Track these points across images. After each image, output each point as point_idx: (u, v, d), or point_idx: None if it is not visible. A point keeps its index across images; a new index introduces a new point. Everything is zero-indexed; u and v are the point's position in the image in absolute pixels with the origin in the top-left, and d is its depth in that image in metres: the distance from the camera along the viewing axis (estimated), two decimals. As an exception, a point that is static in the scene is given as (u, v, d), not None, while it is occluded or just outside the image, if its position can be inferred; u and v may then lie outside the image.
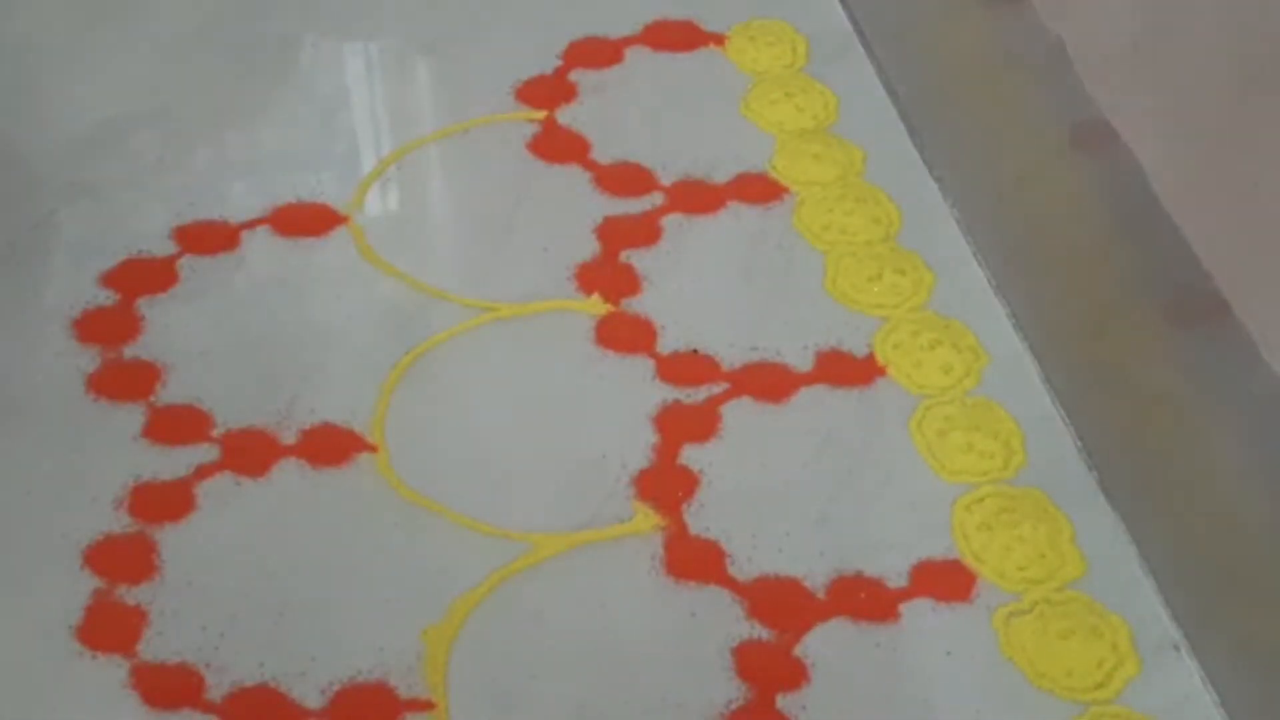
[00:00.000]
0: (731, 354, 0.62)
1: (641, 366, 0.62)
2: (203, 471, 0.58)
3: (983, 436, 0.60)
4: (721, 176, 0.68)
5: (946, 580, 0.56)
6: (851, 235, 0.66)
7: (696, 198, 0.67)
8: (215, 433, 0.59)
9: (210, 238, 0.65)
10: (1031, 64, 0.62)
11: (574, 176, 0.68)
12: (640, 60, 0.72)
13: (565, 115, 0.70)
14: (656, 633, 0.55)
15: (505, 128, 0.70)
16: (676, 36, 0.73)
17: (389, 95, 0.72)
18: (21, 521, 0.57)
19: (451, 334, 0.63)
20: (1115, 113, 0.56)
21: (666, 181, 0.68)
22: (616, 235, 0.66)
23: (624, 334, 0.63)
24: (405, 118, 0.70)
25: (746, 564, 0.57)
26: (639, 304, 0.64)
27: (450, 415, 0.61)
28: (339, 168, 0.68)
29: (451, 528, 0.57)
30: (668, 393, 0.61)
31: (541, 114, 0.70)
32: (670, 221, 0.67)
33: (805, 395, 0.61)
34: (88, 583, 0.55)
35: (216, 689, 0.53)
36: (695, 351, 0.62)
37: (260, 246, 0.65)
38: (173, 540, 0.56)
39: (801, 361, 0.62)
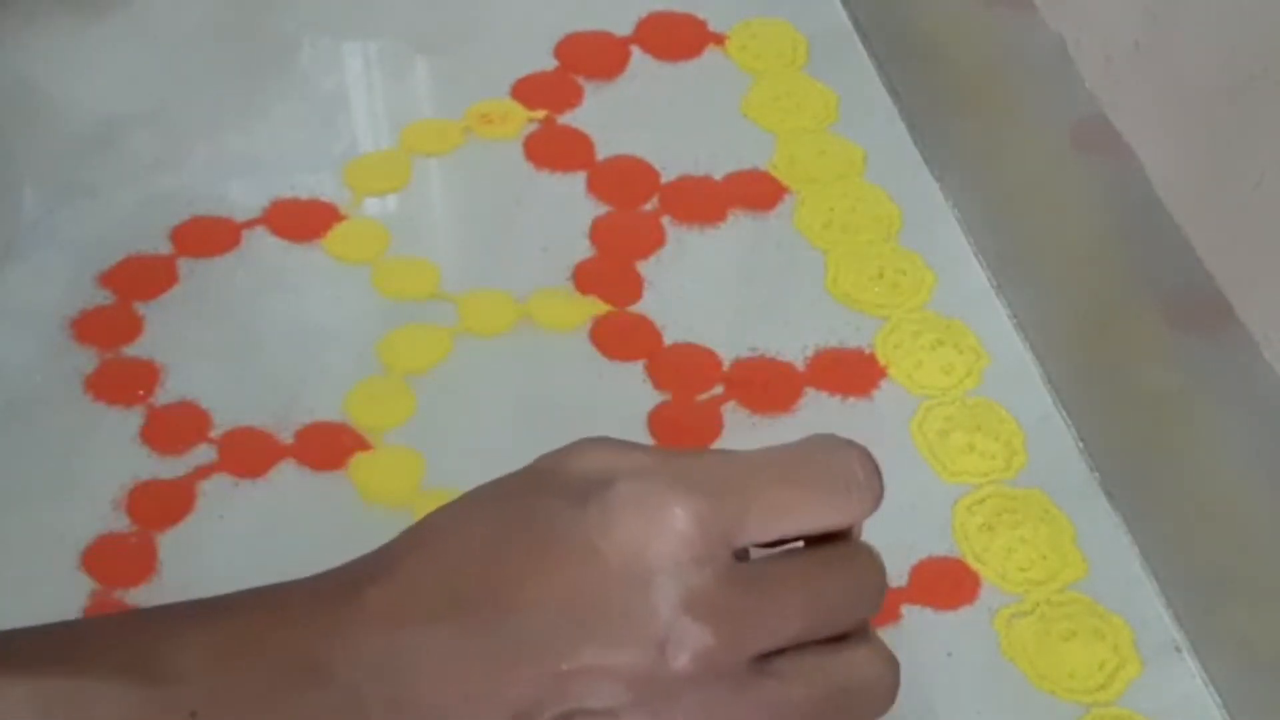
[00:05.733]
0: (731, 354, 0.62)
1: (640, 367, 0.62)
2: (201, 472, 0.58)
3: (984, 437, 0.60)
4: (721, 176, 0.68)
5: (947, 581, 0.56)
6: (852, 235, 0.66)
7: (696, 197, 0.67)
8: (214, 433, 0.59)
9: (209, 238, 0.65)
10: (1032, 63, 0.61)
11: (573, 176, 0.68)
12: (639, 59, 0.72)
13: (564, 114, 0.70)
14: (656, 634, 0.55)
15: (504, 126, 0.69)
16: (676, 35, 0.73)
17: (388, 94, 0.72)
18: (19, 523, 0.57)
19: (452, 334, 0.62)
20: (1116, 112, 0.56)
21: (665, 181, 0.68)
22: (615, 235, 0.66)
23: (623, 334, 0.63)
24: (404, 117, 0.70)
25: (747, 565, 0.56)
26: (638, 304, 0.64)
27: (450, 415, 0.60)
28: (338, 167, 0.68)
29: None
30: (667, 393, 0.61)
31: (540, 113, 0.70)
32: (669, 221, 0.66)
33: (806, 395, 0.61)
34: (85, 584, 0.55)
35: (215, 690, 0.53)
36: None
37: (259, 246, 0.65)
38: (171, 541, 0.56)
39: (802, 361, 0.62)
